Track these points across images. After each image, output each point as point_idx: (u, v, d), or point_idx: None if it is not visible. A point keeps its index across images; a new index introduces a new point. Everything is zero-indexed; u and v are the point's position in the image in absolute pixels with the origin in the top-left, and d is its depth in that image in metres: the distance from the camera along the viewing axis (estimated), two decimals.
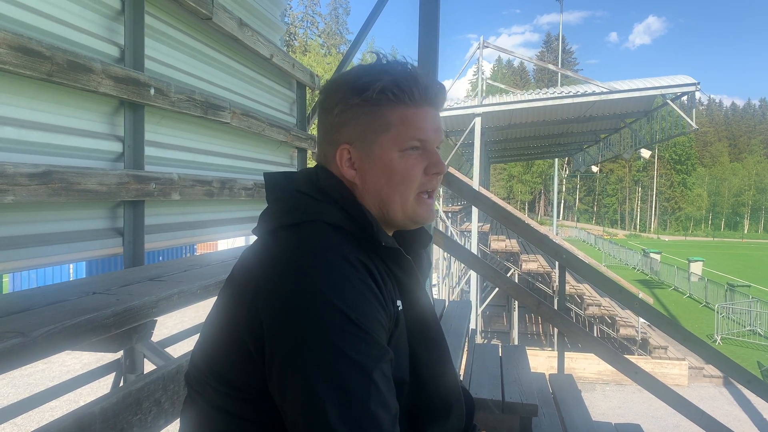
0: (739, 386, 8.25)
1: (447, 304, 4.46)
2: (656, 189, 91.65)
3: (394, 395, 0.90)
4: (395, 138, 1.03)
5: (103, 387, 2.58)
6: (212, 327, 1.01)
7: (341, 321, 0.86)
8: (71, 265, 14.38)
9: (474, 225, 13.37)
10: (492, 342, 14.27)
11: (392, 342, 0.97)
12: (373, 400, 0.84)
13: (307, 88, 4.72)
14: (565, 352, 4.65)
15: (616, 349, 7.43)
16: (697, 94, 14.61)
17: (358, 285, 0.91)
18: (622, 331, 14.16)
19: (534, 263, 15.28)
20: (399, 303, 1.01)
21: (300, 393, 0.84)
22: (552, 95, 14.65)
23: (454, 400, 1.08)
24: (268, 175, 1.11)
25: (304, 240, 0.97)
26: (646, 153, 19.61)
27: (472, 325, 5.15)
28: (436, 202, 1.31)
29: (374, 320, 0.90)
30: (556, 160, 34.12)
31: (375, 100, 1.02)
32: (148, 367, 2.52)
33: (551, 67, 18.77)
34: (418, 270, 1.10)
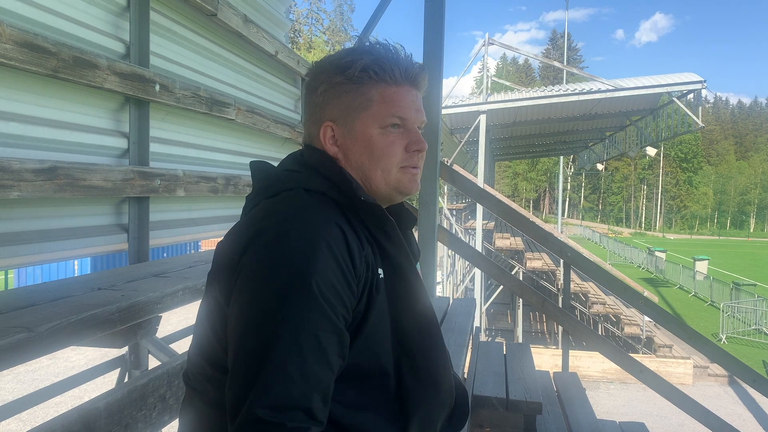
0: (745, 385, 8.22)
1: (451, 301, 4.45)
2: (662, 187, 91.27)
3: (325, 368, 0.88)
4: (376, 115, 1.05)
5: (107, 383, 2.59)
6: (203, 320, 1.03)
7: (291, 279, 0.87)
8: (76, 261, 14.43)
9: (478, 223, 13.35)
10: (496, 340, 14.26)
11: (373, 309, 0.97)
12: (290, 363, 0.84)
13: None
14: (570, 351, 4.64)
15: (620, 348, 7.40)
16: (704, 92, 14.54)
17: (323, 248, 0.90)
18: (627, 330, 14.11)
19: (539, 261, 15.25)
20: (380, 271, 1.01)
21: (234, 339, 0.89)
22: (557, 93, 14.60)
23: (442, 377, 1.08)
24: (254, 162, 1.14)
25: (281, 204, 0.99)
26: (651, 151, 19.54)
27: (476, 323, 5.14)
28: (439, 199, 1.31)
29: (330, 288, 0.89)
30: (561, 157, 34.03)
31: (357, 78, 1.05)
32: (153, 363, 2.53)
33: (557, 64, 18.69)
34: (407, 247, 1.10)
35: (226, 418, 0.95)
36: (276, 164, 1.14)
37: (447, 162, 4.58)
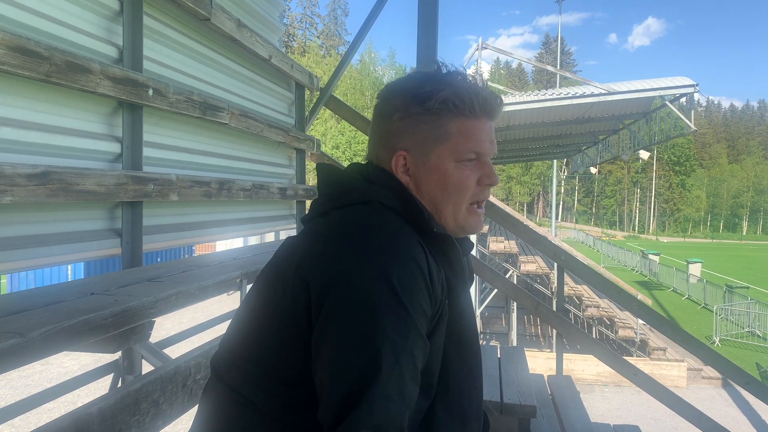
0: (738, 388, 8.25)
1: None
2: (655, 190, 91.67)
3: (416, 384, 0.90)
4: (453, 149, 1.04)
5: (101, 388, 2.58)
6: (254, 314, 1.01)
7: (388, 297, 0.87)
8: (69, 266, 14.35)
9: None
10: (490, 343, 14.27)
11: (436, 334, 0.96)
12: (392, 383, 0.84)
13: (306, 89, 4.72)
14: (564, 354, 4.66)
15: (614, 351, 7.42)
16: (696, 96, 14.62)
17: (411, 266, 0.91)
18: (621, 333, 14.16)
19: (533, 264, 15.30)
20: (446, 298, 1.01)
21: (331, 354, 0.87)
22: (550, 97, 14.66)
23: (473, 415, 1.06)
24: (320, 165, 1.13)
25: (361, 216, 0.98)
26: (644, 154, 19.60)
27: None
28: None
29: (418, 305, 0.90)
30: (555, 161, 34.12)
31: (436, 110, 1.03)
32: (146, 368, 2.52)
33: (550, 68, 18.81)
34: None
35: (243, 411, 0.95)
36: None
37: None
